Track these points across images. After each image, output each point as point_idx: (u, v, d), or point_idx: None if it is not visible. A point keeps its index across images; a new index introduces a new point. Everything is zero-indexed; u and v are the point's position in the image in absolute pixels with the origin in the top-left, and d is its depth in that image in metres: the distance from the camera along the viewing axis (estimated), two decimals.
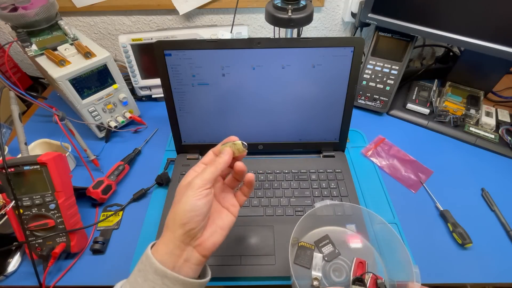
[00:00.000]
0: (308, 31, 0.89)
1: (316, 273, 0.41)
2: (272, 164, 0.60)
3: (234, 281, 0.46)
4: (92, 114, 0.63)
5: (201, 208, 0.32)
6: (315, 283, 0.40)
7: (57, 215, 0.45)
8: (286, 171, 0.59)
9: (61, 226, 0.46)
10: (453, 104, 0.69)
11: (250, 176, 0.38)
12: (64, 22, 0.62)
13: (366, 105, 0.73)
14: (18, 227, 0.45)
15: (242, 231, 0.50)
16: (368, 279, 0.40)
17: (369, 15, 0.66)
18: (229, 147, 0.36)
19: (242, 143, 0.36)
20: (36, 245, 0.46)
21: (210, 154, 0.38)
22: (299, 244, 0.44)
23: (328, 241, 0.44)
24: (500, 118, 0.68)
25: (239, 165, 0.37)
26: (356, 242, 0.45)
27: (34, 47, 0.59)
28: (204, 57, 0.52)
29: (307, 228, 0.46)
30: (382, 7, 0.64)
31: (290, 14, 0.56)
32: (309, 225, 0.46)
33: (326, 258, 0.43)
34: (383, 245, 0.43)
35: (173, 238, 0.31)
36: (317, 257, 0.42)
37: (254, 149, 0.62)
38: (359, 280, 0.40)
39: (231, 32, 0.69)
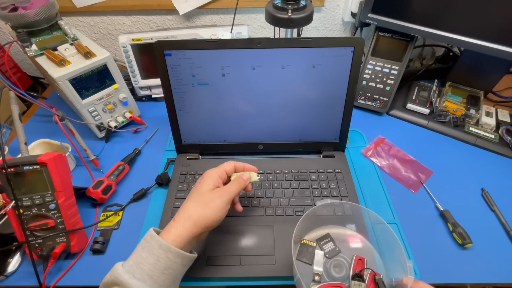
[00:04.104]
0: (308, 31, 0.89)
1: (317, 269, 0.42)
2: (272, 164, 0.60)
3: (234, 281, 0.46)
4: (92, 114, 0.63)
5: (223, 217, 0.41)
6: (316, 278, 0.41)
7: (57, 215, 0.45)
8: (286, 171, 0.59)
9: (61, 226, 0.46)
10: (453, 104, 0.69)
11: (239, 208, 0.48)
12: (64, 22, 0.62)
13: (366, 105, 0.73)
14: (18, 227, 0.45)
15: (242, 231, 0.50)
16: (367, 275, 0.41)
17: (369, 15, 0.66)
18: (249, 174, 0.47)
19: (258, 178, 0.48)
20: (36, 245, 0.46)
21: (231, 164, 0.46)
22: (302, 242, 0.45)
23: (329, 239, 0.46)
24: (500, 118, 0.68)
25: (239, 208, 0.48)
26: (356, 241, 0.46)
27: (34, 47, 0.59)
28: (204, 57, 0.52)
29: (309, 227, 0.47)
30: (382, 7, 0.64)
31: (290, 14, 0.56)
32: (311, 224, 0.47)
33: (327, 255, 0.44)
34: (382, 243, 0.44)
35: (195, 234, 0.38)
36: (319, 254, 0.44)
37: (254, 149, 0.62)
38: (358, 276, 0.41)
39: (231, 32, 0.69)
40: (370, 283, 0.40)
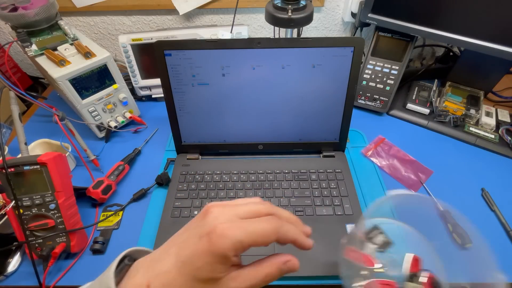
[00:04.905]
0: (308, 31, 0.89)
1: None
2: (272, 164, 0.60)
3: None
4: (92, 114, 0.63)
5: None
6: (364, 272, 0.38)
7: (57, 215, 0.45)
8: (286, 171, 0.59)
9: (61, 226, 0.46)
10: (453, 104, 0.69)
11: None
12: (64, 22, 0.62)
13: (366, 105, 0.73)
14: (18, 227, 0.45)
15: None
16: (424, 277, 0.36)
17: (369, 15, 0.66)
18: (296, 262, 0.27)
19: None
20: (36, 245, 0.46)
21: (270, 228, 0.25)
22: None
23: (379, 230, 0.41)
24: (500, 118, 0.68)
25: None
26: (410, 238, 0.42)
27: (34, 47, 0.59)
28: (204, 57, 0.52)
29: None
30: (382, 7, 0.64)
31: (290, 14, 0.56)
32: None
33: (378, 249, 0.40)
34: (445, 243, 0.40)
35: None
36: (369, 248, 0.40)
37: (254, 149, 0.62)
38: (415, 276, 0.37)
39: (231, 32, 0.69)
40: None
